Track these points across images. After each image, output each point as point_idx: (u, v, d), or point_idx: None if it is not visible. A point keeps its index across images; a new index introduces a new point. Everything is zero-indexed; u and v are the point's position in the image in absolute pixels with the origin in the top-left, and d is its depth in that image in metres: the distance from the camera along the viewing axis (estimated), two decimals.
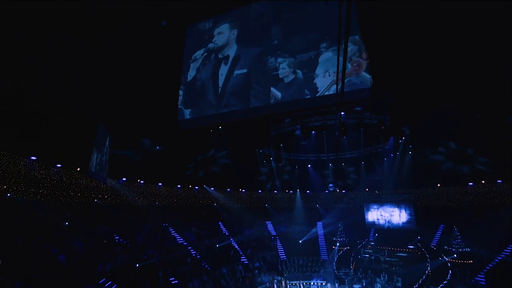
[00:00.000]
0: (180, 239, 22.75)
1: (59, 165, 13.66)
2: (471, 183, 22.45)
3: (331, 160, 27.46)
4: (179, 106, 14.88)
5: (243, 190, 30.74)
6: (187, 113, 14.72)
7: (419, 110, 16.88)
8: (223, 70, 14.15)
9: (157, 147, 20.30)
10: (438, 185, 24.58)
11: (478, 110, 16.40)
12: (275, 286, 20.23)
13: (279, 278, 21.85)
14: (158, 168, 21.41)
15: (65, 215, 15.84)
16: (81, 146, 11.56)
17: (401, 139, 23.63)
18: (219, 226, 27.53)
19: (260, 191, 31.39)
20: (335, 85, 11.48)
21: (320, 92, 12.37)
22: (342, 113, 15.49)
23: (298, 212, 30.04)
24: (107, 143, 14.59)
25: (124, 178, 20.23)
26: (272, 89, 12.93)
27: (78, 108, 11.33)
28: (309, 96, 12.58)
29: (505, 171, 19.18)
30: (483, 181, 21.75)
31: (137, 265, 15.55)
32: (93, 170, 12.44)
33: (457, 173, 22.06)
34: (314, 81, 12.54)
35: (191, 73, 14.92)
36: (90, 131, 11.85)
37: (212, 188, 28.40)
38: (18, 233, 10.83)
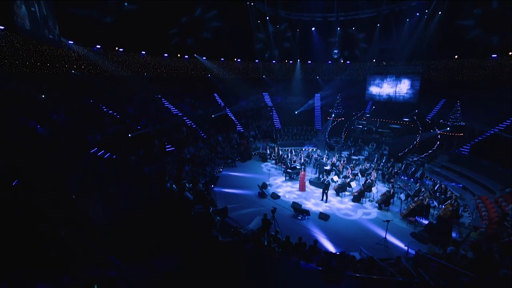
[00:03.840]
0: (174, 110, 22.64)
1: (1, 27, 11.12)
2: (494, 55, 19.78)
3: (340, 22, 23.48)
4: None
5: (239, 60, 28.24)
6: None
7: None
8: None
9: (125, 4, 16.52)
10: (456, 56, 21.90)
11: None
12: (268, 151, 21.58)
13: (273, 145, 23.15)
14: (136, 34, 18.38)
15: (41, 87, 14.63)
16: None
17: None
18: (214, 97, 27.00)
19: (257, 61, 28.88)
20: None
21: None
22: None
23: (296, 84, 28.73)
24: None
25: (98, 45, 17.66)
26: None
27: None
28: None
29: None
30: (510, 53, 19.00)
31: (130, 135, 15.76)
32: (28, 28, 9.93)
33: (483, 42, 19.06)
34: None
35: None
36: None
37: (204, 58, 25.91)
38: None
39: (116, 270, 4.77)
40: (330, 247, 10.04)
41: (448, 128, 19.14)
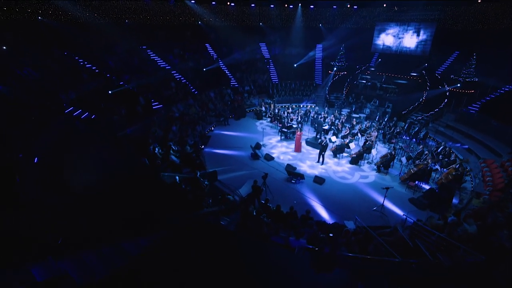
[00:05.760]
0: (161, 63, 20.67)
1: None
2: None
3: None
4: None
5: (232, 4, 25.07)
6: None
7: None
8: None
9: None
10: (479, 0, 19.17)
11: None
12: (264, 108, 20.38)
13: (269, 101, 21.86)
14: None
15: (1, 36, 12.73)
16: None
17: None
18: (206, 48, 24.62)
19: (253, 5, 25.69)
20: None
21: None
22: None
23: (297, 32, 26.02)
24: None
25: None
26: None
27: None
28: None
29: None
30: None
31: (110, 91, 14.34)
32: None
33: None
34: None
35: None
36: None
37: (193, 1, 22.87)
38: None
39: (73, 262, 4.08)
40: (324, 214, 9.59)
41: (459, 85, 17.61)
